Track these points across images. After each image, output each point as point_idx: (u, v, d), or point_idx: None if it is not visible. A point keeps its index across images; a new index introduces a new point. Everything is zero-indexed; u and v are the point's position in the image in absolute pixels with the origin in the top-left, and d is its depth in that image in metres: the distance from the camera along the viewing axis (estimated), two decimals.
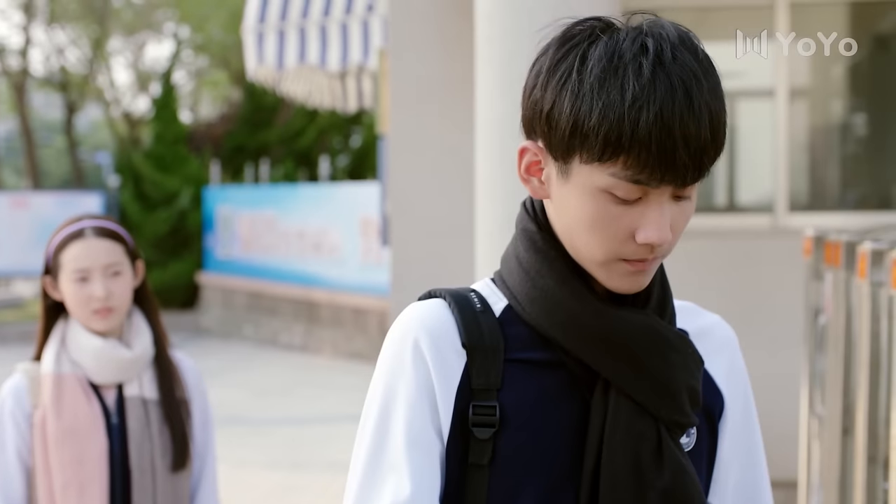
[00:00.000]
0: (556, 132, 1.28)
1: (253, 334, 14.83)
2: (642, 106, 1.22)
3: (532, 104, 1.32)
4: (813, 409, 4.04)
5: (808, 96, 6.88)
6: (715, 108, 1.26)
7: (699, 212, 6.81)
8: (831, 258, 3.67)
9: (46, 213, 16.14)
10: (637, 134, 1.22)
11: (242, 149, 20.15)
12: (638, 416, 1.31)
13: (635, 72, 1.23)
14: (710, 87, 1.26)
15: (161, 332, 2.73)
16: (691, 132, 1.23)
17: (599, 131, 1.23)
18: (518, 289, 1.36)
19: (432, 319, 1.34)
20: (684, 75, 1.24)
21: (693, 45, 1.28)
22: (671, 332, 1.36)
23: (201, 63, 25.36)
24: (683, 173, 1.25)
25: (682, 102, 1.23)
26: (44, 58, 25.14)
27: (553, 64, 1.29)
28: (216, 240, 16.54)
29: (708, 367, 1.44)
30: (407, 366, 1.33)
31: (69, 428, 2.54)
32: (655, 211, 1.27)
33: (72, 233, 2.63)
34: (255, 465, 7.64)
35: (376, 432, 1.33)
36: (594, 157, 1.25)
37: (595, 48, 1.26)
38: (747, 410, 1.47)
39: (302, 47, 8.07)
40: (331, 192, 14.25)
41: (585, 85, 1.25)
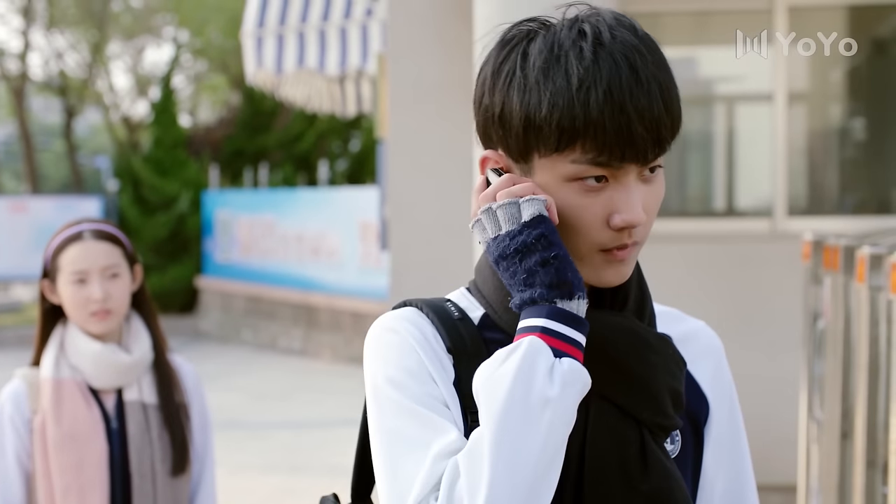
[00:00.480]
0: (511, 132, 1.27)
1: (252, 338, 14.82)
2: (590, 87, 1.22)
3: (483, 111, 1.31)
4: (812, 414, 4.04)
5: (806, 100, 6.88)
6: (663, 79, 1.26)
7: (698, 216, 6.82)
8: (830, 262, 3.67)
9: (45, 217, 16.14)
10: (589, 115, 1.22)
11: (241, 153, 20.15)
12: (620, 420, 1.29)
13: (577, 56, 1.24)
14: (654, 61, 1.26)
15: (160, 336, 2.73)
16: (643, 104, 1.23)
17: (552, 120, 1.23)
18: (493, 297, 1.35)
19: (413, 325, 1.33)
20: (626, 51, 1.24)
21: (630, 24, 1.28)
22: (650, 333, 1.34)
23: (200, 67, 25.38)
24: (643, 148, 1.24)
25: (628, 77, 1.23)
26: (43, 62, 25.18)
27: (496, 67, 1.30)
28: (215, 244, 16.54)
29: (693, 372, 1.42)
30: (405, 351, 1.30)
31: (69, 433, 2.54)
32: (623, 192, 1.26)
33: (70, 235, 2.63)
34: (253, 469, 7.64)
35: (391, 405, 1.27)
36: (552, 147, 1.25)
37: (534, 44, 1.27)
38: (733, 416, 1.46)
39: (301, 51, 8.07)
40: (330, 196, 14.25)
41: (531, 79, 1.25)
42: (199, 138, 21.89)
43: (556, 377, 1.18)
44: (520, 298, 1.24)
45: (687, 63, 7.31)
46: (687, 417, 1.39)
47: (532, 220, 1.24)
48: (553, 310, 1.22)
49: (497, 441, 1.16)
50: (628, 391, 1.29)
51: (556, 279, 1.22)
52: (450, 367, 1.30)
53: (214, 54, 23.23)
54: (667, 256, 6.24)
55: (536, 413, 1.17)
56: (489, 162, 1.33)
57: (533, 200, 1.25)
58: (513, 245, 1.24)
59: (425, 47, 5.71)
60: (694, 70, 7.36)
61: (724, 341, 1.35)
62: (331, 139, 21.07)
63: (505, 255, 1.25)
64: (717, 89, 7.25)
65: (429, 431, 1.23)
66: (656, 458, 1.30)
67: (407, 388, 1.27)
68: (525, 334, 1.21)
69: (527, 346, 1.19)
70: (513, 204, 1.26)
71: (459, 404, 1.28)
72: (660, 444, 1.31)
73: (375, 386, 1.30)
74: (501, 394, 1.17)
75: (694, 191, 7.27)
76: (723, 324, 6.10)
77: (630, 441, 1.29)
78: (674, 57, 6.62)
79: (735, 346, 6.10)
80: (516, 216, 1.25)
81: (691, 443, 1.40)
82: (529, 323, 1.22)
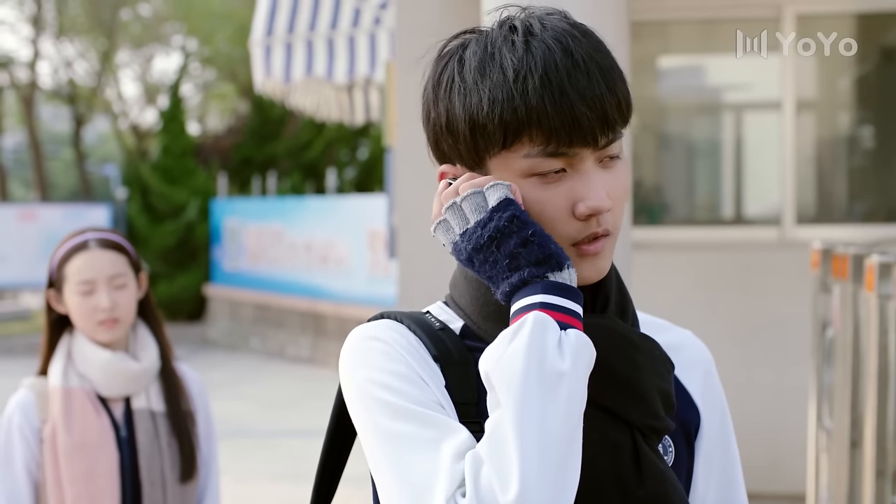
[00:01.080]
0: (460, 138, 1.26)
1: (260, 347, 14.83)
2: (526, 75, 1.21)
3: (432, 125, 1.31)
4: (821, 423, 4.03)
5: (815, 108, 6.87)
6: (602, 60, 1.24)
7: (706, 224, 6.81)
8: (839, 271, 3.67)
9: (54, 225, 16.17)
10: (530, 104, 1.21)
11: (250, 161, 20.20)
12: (610, 425, 1.25)
13: (510, 49, 1.23)
14: (589, 44, 1.25)
15: (166, 344, 2.74)
16: (583, 85, 1.21)
17: (494, 116, 1.22)
18: (470, 308, 1.32)
19: (397, 333, 1.30)
20: (558, 36, 1.23)
21: (562, 14, 1.28)
22: (633, 332, 1.30)
23: (209, 76, 25.46)
24: (591, 130, 1.22)
25: (563, 60, 1.22)
26: (52, 70, 25.27)
27: (436, 80, 1.30)
28: (223, 252, 16.56)
29: (682, 381, 1.40)
30: (393, 357, 1.26)
31: (80, 442, 2.54)
32: (583, 179, 1.24)
33: (75, 245, 2.63)
34: (261, 478, 7.63)
35: (386, 409, 1.23)
36: (499, 144, 1.23)
37: (469, 49, 1.27)
38: (724, 426, 1.43)
39: (309, 60, 8.09)
40: (338, 204, 14.27)
41: (468, 80, 1.25)
42: (207, 146, 21.95)
43: (566, 350, 1.15)
44: (508, 284, 1.21)
45: (695, 71, 7.31)
46: (679, 427, 1.36)
47: (499, 204, 1.22)
48: (547, 283, 1.19)
49: (520, 421, 1.12)
50: (616, 394, 1.26)
51: (542, 254, 1.20)
52: (439, 374, 1.27)
53: (223, 63, 23.30)
54: (675, 264, 6.23)
55: (553, 388, 1.14)
56: (447, 176, 1.32)
57: (497, 185, 1.23)
58: (486, 233, 1.22)
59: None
60: (702, 78, 7.36)
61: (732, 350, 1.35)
62: (339, 147, 21.11)
63: (479, 247, 1.22)
64: (725, 97, 7.25)
65: (435, 430, 1.19)
66: (650, 462, 1.26)
67: (401, 391, 1.23)
68: (524, 313, 1.18)
69: (532, 322, 1.16)
70: (477, 193, 1.23)
71: (455, 410, 1.25)
72: (653, 447, 1.28)
73: (364, 392, 1.25)
74: (516, 373, 1.14)
75: (702, 199, 7.26)
76: (731, 332, 6.11)
77: (622, 446, 1.25)
78: (681, 65, 6.66)
79: (743, 354, 6.11)
80: (482, 204, 1.23)
81: (684, 452, 1.38)
82: (527, 301, 1.18)
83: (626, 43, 3.68)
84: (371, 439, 1.24)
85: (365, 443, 1.26)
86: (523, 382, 1.13)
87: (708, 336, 5.84)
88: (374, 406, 1.24)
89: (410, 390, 1.23)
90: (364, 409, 1.25)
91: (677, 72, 7.31)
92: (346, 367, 1.30)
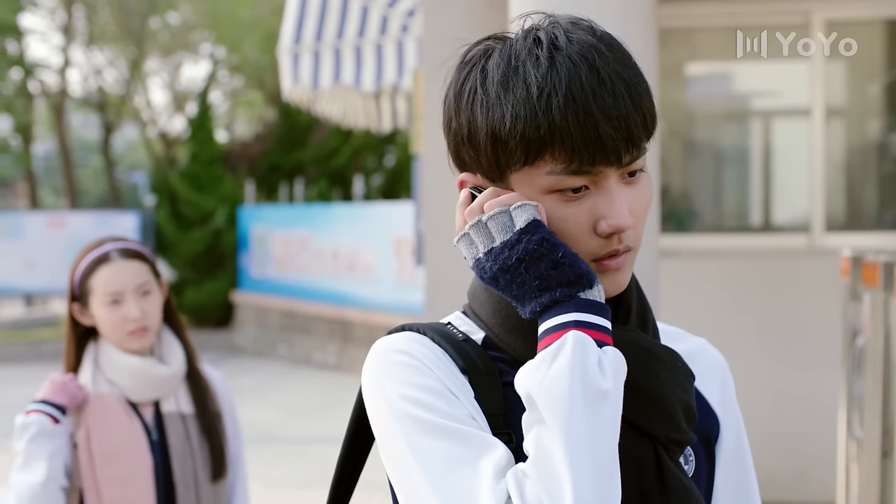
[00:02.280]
0: (481, 151, 1.24)
1: (287, 353, 14.88)
2: (550, 92, 1.19)
3: (453, 135, 1.28)
4: (851, 432, 3.99)
5: (844, 115, 6.83)
6: (628, 76, 1.22)
7: (734, 231, 6.78)
8: (869, 279, 3.64)
9: (83, 232, 16.30)
10: (553, 122, 1.18)
11: (277, 168, 20.27)
12: (633, 438, 1.24)
13: (534, 64, 1.21)
14: (615, 58, 1.22)
15: (190, 346, 2.77)
16: (608, 104, 1.19)
17: (516, 133, 1.20)
18: (491, 320, 1.31)
19: (423, 346, 1.27)
20: (584, 52, 1.21)
21: (588, 26, 1.25)
22: (657, 345, 1.30)
23: (237, 83, 25.59)
24: (615, 149, 1.20)
25: (588, 77, 1.19)
26: (82, 78, 25.50)
27: (458, 89, 1.27)
28: (251, 259, 16.63)
29: (701, 390, 1.39)
30: (421, 370, 1.24)
31: (115, 447, 2.57)
32: (606, 197, 1.22)
33: (98, 257, 2.65)
34: (288, 484, 7.65)
35: (418, 425, 1.21)
36: (521, 161, 1.22)
37: (492, 59, 1.25)
38: (740, 434, 1.43)
39: (337, 67, 8.12)
40: (365, 211, 14.29)
41: (491, 94, 1.22)
42: (235, 154, 22.05)
43: (607, 368, 1.15)
44: (538, 304, 1.20)
45: (723, 78, 7.28)
46: (699, 436, 1.36)
47: (528, 227, 1.20)
48: (580, 301, 1.18)
49: (569, 440, 1.11)
50: (639, 407, 1.24)
51: (573, 275, 1.19)
52: (468, 386, 1.25)
53: (251, 70, 23.41)
54: (703, 272, 6.20)
55: (599, 406, 1.13)
56: (467, 185, 1.30)
57: (525, 206, 1.21)
58: (514, 255, 1.20)
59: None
60: (730, 85, 7.33)
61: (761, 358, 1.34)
62: (366, 154, 21.15)
63: (507, 268, 1.20)
64: (754, 104, 7.21)
65: (473, 447, 1.18)
66: (674, 476, 1.26)
67: (433, 406, 1.21)
68: (561, 332, 1.16)
69: (573, 342, 1.15)
70: (503, 213, 1.21)
71: (487, 422, 1.24)
72: (675, 460, 1.28)
73: (395, 408, 1.22)
74: (562, 393, 1.13)
75: (730, 206, 7.23)
76: (760, 341, 6.08)
77: (645, 460, 1.25)
78: (709, 72, 6.62)
79: (772, 363, 6.07)
80: (509, 225, 1.21)
81: (704, 462, 1.37)
82: (561, 319, 1.17)
83: (654, 50, 3.67)
84: (398, 455, 1.22)
85: (395, 460, 1.23)
86: (569, 402, 1.13)
87: (736, 344, 5.84)
88: (406, 423, 1.21)
89: (442, 405, 1.22)
90: (397, 427, 1.22)
91: (705, 79, 7.29)
92: (372, 381, 1.27)
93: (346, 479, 1.46)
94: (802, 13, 6.20)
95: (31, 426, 2.54)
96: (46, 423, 2.54)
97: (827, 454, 5.19)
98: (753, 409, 6.07)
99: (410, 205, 10.16)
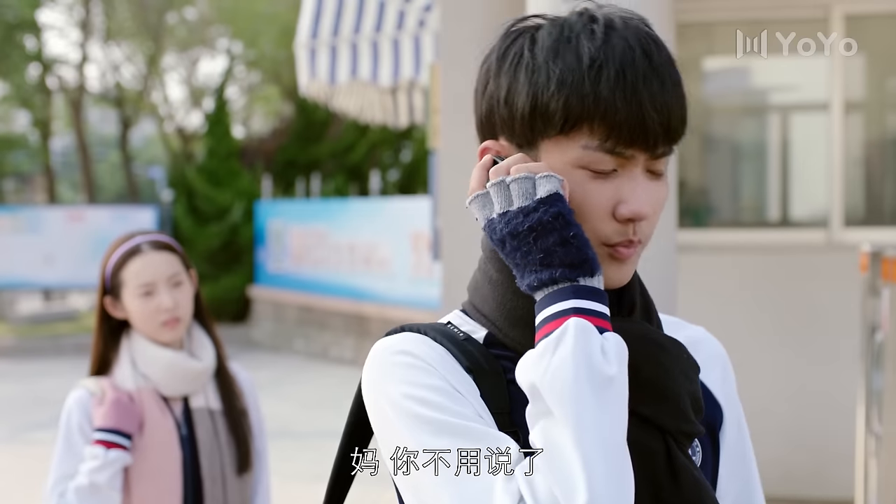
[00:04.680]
0: (517, 114, 1.23)
1: (303, 348, 14.91)
2: (602, 65, 1.18)
3: (487, 98, 1.27)
4: (870, 428, 3.97)
5: (863, 109, 6.79)
6: (674, 74, 1.23)
7: (752, 226, 6.75)
8: (888, 274, 3.62)
9: (101, 227, 16.37)
10: (599, 94, 1.18)
11: (294, 163, 20.32)
12: (642, 430, 1.22)
13: (588, 37, 1.20)
14: (666, 55, 1.23)
15: (219, 343, 2.80)
16: (656, 89, 1.19)
17: (560, 98, 1.19)
18: (495, 314, 1.29)
19: (426, 346, 1.26)
20: (640, 37, 1.21)
21: (641, 18, 1.26)
22: (664, 337, 1.29)
23: (254, 79, 25.64)
24: (654, 135, 1.20)
25: (641, 61, 1.19)
26: (100, 74, 25.62)
27: (501, 53, 1.26)
28: (267, 254, 16.67)
29: (703, 379, 1.38)
30: (425, 370, 1.23)
31: (148, 442, 2.59)
32: (631, 182, 1.22)
33: (129, 249, 2.67)
34: (304, 478, 7.67)
35: (426, 424, 1.19)
36: (558, 128, 1.21)
37: (542, 30, 1.24)
38: (741, 422, 1.43)
39: (354, 62, 8.12)
40: (381, 206, 14.31)
41: (539, 59, 1.21)
42: (252, 149, 22.10)
43: (610, 354, 1.13)
44: (536, 279, 1.18)
45: (741, 73, 7.25)
46: (704, 425, 1.35)
47: (549, 197, 1.18)
48: (580, 288, 1.16)
49: (578, 429, 1.09)
50: (648, 399, 1.23)
51: (577, 258, 1.17)
52: (473, 385, 1.24)
53: (268, 65, 23.45)
54: (720, 267, 6.18)
55: (605, 393, 1.11)
56: (490, 152, 1.28)
57: (551, 177, 1.19)
58: (527, 222, 1.18)
59: (477, 59, 5.71)
60: (748, 80, 7.30)
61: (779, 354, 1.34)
62: (383, 149, 21.18)
63: (516, 233, 1.19)
64: (772, 99, 7.18)
65: (483, 445, 1.16)
66: (684, 468, 1.24)
67: (441, 405, 1.19)
68: (560, 319, 1.14)
69: (574, 329, 1.13)
70: (528, 179, 1.19)
71: (494, 421, 1.22)
72: (685, 452, 1.27)
73: (400, 409, 1.20)
74: (568, 381, 1.11)
75: (748, 201, 7.20)
76: (778, 336, 6.05)
77: (656, 452, 1.23)
78: (727, 66, 6.59)
79: (791, 358, 6.05)
80: (531, 192, 1.19)
81: (710, 451, 1.37)
82: (561, 307, 1.15)
83: (671, 45, 3.66)
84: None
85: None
86: (576, 390, 1.11)
87: (754, 340, 5.82)
88: (414, 423, 1.19)
89: (450, 404, 1.20)
90: (404, 428, 1.20)
91: (722, 73, 7.25)
92: (374, 382, 1.26)
93: (343, 477, 1.43)
94: (822, 7, 6.17)
95: (114, 464, 2.52)
96: (126, 458, 2.54)
97: (845, 450, 5.17)
98: (772, 404, 6.05)
99: (427, 200, 10.17)
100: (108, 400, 2.57)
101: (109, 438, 2.53)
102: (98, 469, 2.50)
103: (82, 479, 2.50)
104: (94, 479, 2.50)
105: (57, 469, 2.56)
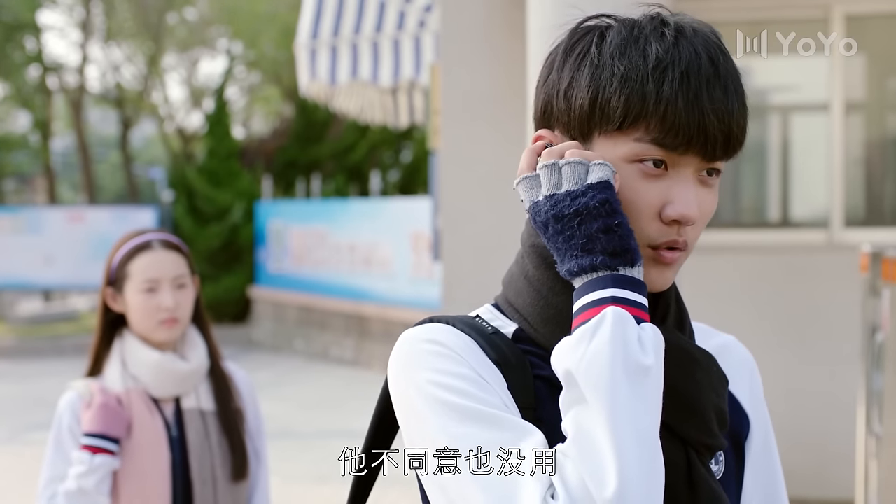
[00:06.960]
0: (575, 106, 1.23)
1: (304, 348, 14.91)
2: (667, 67, 1.19)
3: (548, 89, 1.28)
4: (870, 428, 3.97)
5: (863, 110, 6.79)
6: (738, 85, 1.23)
7: (752, 227, 6.75)
8: (889, 274, 3.62)
9: (102, 227, 16.37)
10: (661, 93, 1.18)
11: (294, 164, 20.32)
12: (664, 440, 1.19)
13: (657, 38, 1.21)
14: (732, 66, 1.24)
15: (213, 344, 2.79)
16: (719, 97, 1.20)
17: (622, 94, 1.19)
18: (529, 310, 1.29)
19: (454, 336, 1.26)
20: (708, 45, 1.22)
21: (712, 28, 1.26)
22: (696, 349, 1.28)
23: (254, 79, 25.65)
24: (713, 140, 1.20)
25: (707, 67, 1.20)
26: (100, 74, 25.60)
27: (569, 47, 1.27)
28: (268, 254, 16.67)
29: (731, 388, 1.38)
30: (453, 359, 1.22)
31: (136, 443, 2.58)
32: (681, 184, 1.22)
33: (139, 244, 2.67)
34: (305, 479, 7.67)
35: (453, 411, 1.18)
36: (615, 124, 1.21)
37: (612, 29, 1.25)
38: (768, 431, 1.42)
39: (354, 63, 8.12)
40: (382, 206, 14.30)
41: (605, 55, 1.22)
42: (252, 149, 22.11)
43: (647, 344, 1.13)
44: (576, 265, 1.18)
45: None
46: (729, 435, 1.34)
47: (598, 183, 1.18)
48: (619, 277, 1.16)
49: (612, 417, 1.09)
50: (674, 410, 1.22)
51: (620, 247, 1.17)
52: (501, 377, 1.23)
53: (268, 66, 23.46)
54: (720, 268, 6.18)
55: (641, 383, 1.11)
56: (543, 140, 1.28)
57: (604, 165, 1.19)
58: (573, 206, 1.18)
59: (478, 59, 5.71)
60: (748, 80, 7.29)
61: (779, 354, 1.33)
62: (383, 150, 21.19)
63: (561, 216, 1.19)
64: (773, 99, 7.18)
65: (511, 432, 1.16)
66: (704, 481, 1.24)
67: (468, 392, 1.19)
68: (598, 308, 1.14)
69: (612, 318, 1.13)
70: (581, 164, 1.20)
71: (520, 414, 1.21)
72: (706, 465, 1.26)
73: (427, 395, 1.20)
74: (604, 368, 1.10)
75: (748, 201, 7.20)
76: (778, 337, 6.05)
77: (677, 464, 1.23)
78: None
79: (790, 359, 6.05)
80: (581, 177, 1.19)
81: (734, 462, 1.36)
82: (599, 295, 1.15)
83: None
84: (433, 441, 1.19)
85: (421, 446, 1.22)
86: (612, 378, 1.10)
87: (754, 340, 5.81)
88: (441, 410, 1.19)
89: (477, 392, 1.19)
90: (430, 415, 1.19)
91: None
92: (400, 370, 1.25)
93: (367, 474, 1.43)
94: (822, 7, 6.17)
95: (100, 469, 2.52)
96: (113, 463, 2.54)
97: (846, 450, 5.17)
98: (772, 405, 6.03)
99: (427, 200, 10.17)
100: (96, 404, 2.57)
101: (96, 443, 2.53)
102: (84, 474, 2.51)
103: (71, 483, 2.51)
104: (83, 484, 2.51)
105: (48, 470, 2.57)
